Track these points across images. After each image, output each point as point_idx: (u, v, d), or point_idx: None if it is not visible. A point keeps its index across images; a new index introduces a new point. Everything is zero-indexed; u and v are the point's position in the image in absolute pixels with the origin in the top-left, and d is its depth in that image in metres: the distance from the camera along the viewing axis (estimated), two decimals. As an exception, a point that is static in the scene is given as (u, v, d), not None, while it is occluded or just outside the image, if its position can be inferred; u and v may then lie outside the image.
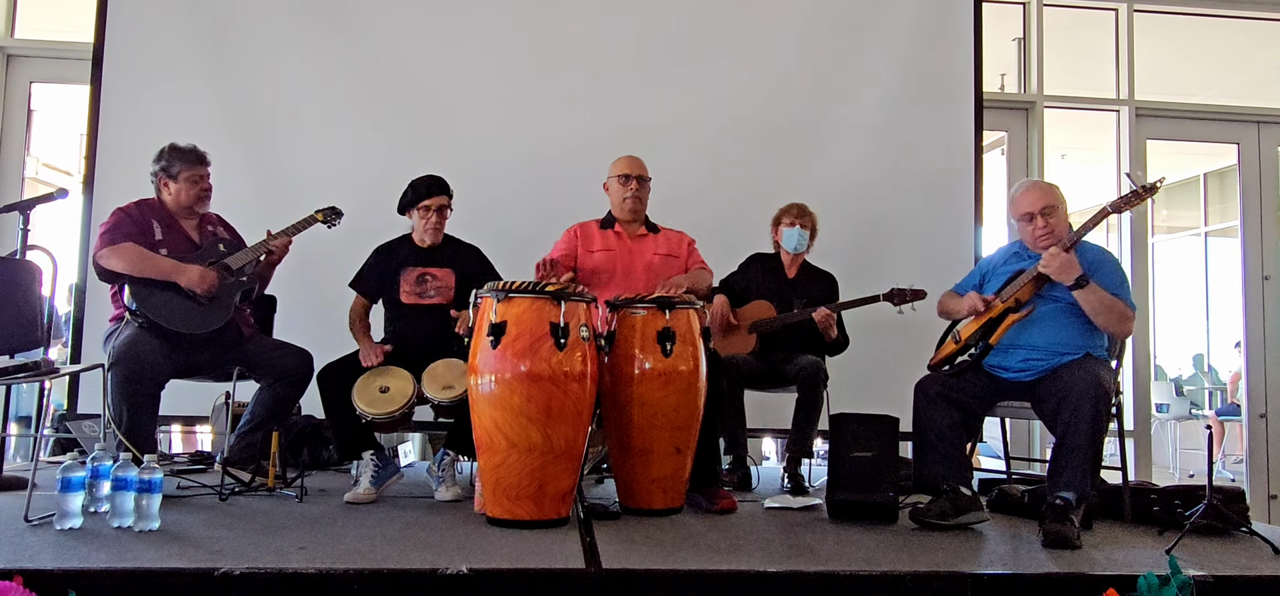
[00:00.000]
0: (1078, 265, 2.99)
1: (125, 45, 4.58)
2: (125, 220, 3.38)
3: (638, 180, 3.71)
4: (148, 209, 3.47)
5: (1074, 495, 2.78)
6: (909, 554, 2.50)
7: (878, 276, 4.31)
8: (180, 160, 3.48)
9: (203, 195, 3.51)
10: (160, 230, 3.43)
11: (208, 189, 3.53)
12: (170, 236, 3.44)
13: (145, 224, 3.40)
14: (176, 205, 3.49)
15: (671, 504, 3.05)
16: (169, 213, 3.49)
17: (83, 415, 4.39)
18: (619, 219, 3.75)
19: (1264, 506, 5.31)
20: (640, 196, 3.71)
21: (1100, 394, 2.84)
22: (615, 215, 3.77)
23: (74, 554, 2.23)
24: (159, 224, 3.44)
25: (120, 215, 3.40)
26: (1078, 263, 3.00)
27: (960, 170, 4.90)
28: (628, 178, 3.71)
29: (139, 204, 3.47)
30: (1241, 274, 5.53)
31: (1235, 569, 2.43)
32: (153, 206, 3.49)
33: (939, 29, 4.96)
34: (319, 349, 3.53)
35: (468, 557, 2.25)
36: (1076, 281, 2.98)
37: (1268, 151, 5.59)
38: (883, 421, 3.12)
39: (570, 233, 3.77)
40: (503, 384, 2.73)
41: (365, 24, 4.73)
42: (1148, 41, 5.55)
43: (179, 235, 3.48)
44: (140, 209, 3.45)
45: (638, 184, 3.70)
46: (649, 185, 3.76)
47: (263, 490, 3.26)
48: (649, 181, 3.76)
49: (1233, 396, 7.51)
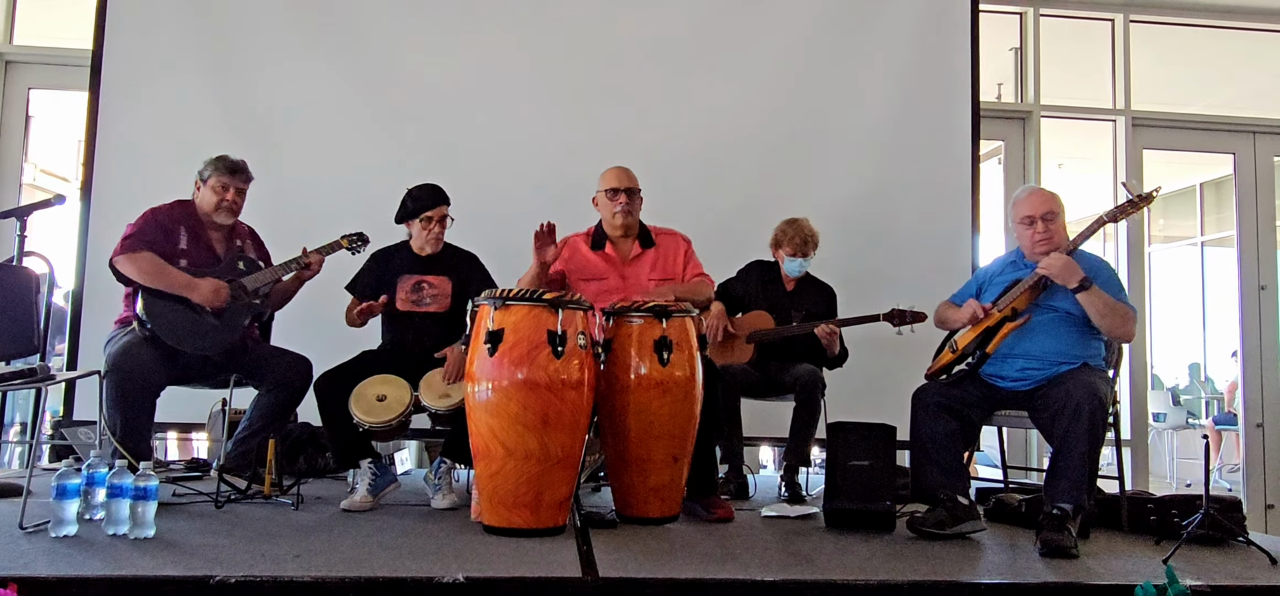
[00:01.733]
0: (1078, 268, 3.00)
1: (124, 52, 4.59)
2: (150, 225, 3.35)
3: (627, 194, 3.49)
4: (180, 212, 3.44)
5: (1071, 504, 2.77)
6: (906, 563, 2.50)
7: (875, 285, 4.33)
8: (213, 166, 3.46)
9: (223, 206, 3.46)
10: (186, 238, 3.41)
11: (230, 202, 3.46)
12: (195, 245, 3.42)
13: (172, 229, 3.38)
14: (202, 210, 3.48)
15: (668, 512, 3.04)
16: (198, 219, 3.47)
17: (79, 421, 4.37)
18: (610, 236, 3.57)
19: (1261, 516, 5.32)
20: (630, 210, 3.50)
21: (1097, 403, 2.84)
22: (606, 230, 3.57)
23: (68, 561, 2.22)
24: (186, 230, 3.42)
25: (148, 218, 3.38)
26: (1078, 265, 3.01)
27: (958, 179, 4.90)
28: (616, 192, 3.49)
29: (172, 206, 3.45)
30: (1238, 283, 5.55)
31: (1232, 578, 2.43)
32: (186, 210, 3.47)
33: (936, 38, 4.97)
34: (317, 356, 3.52)
35: (464, 566, 2.25)
36: (1080, 284, 2.98)
37: (1264, 161, 5.61)
38: (880, 430, 3.12)
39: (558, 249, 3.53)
40: (500, 391, 2.73)
41: (364, 32, 4.73)
42: (1144, 52, 5.58)
43: (204, 245, 3.46)
44: (171, 212, 3.42)
45: (627, 198, 3.49)
46: (640, 198, 3.56)
47: (259, 497, 3.25)
48: (640, 193, 3.55)
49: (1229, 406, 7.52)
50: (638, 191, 3.56)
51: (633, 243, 3.60)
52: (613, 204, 3.50)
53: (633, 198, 3.53)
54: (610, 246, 3.58)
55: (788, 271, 4.03)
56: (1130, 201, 3.04)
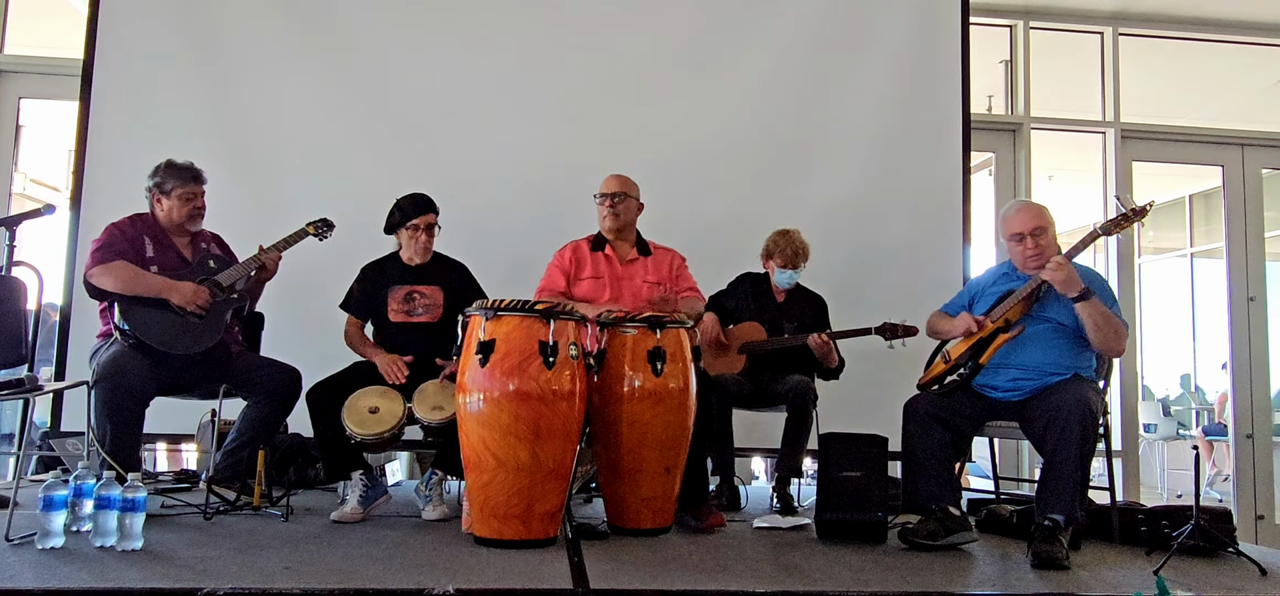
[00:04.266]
0: (1079, 278, 3.01)
1: (115, 62, 4.57)
2: (117, 237, 3.36)
3: (611, 198, 3.69)
4: (140, 224, 3.45)
5: (1063, 515, 2.78)
6: (898, 574, 2.50)
7: (866, 296, 4.33)
8: (174, 177, 3.46)
9: (195, 213, 3.50)
10: (152, 247, 3.41)
11: (201, 207, 3.52)
12: (162, 253, 3.43)
13: (137, 240, 3.39)
14: (169, 222, 3.48)
15: (660, 523, 3.04)
16: (161, 229, 3.48)
17: (67, 433, 4.34)
18: (608, 239, 3.75)
19: (1251, 526, 5.33)
20: (618, 211, 3.69)
21: (1088, 415, 2.85)
22: (603, 234, 3.77)
23: (55, 573, 2.20)
24: (151, 240, 3.42)
25: (113, 231, 3.38)
26: (1078, 275, 3.02)
27: (948, 191, 4.91)
28: (603, 196, 3.72)
29: (132, 219, 3.45)
30: (1227, 295, 5.58)
31: (1222, 589, 2.44)
32: (146, 222, 3.47)
33: (927, 51, 4.99)
34: (307, 367, 3.51)
35: (454, 577, 2.24)
36: (1080, 294, 2.99)
37: (1252, 173, 5.64)
38: (872, 441, 3.12)
39: (561, 255, 3.75)
40: (491, 402, 2.72)
41: (356, 41, 4.73)
42: (1133, 64, 5.62)
43: (171, 252, 3.46)
44: (133, 224, 3.43)
45: (611, 202, 3.69)
46: (632, 201, 3.74)
47: (248, 509, 3.23)
48: (631, 198, 3.73)
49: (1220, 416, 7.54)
50: (629, 196, 3.74)
51: (630, 247, 3.77)
52: (601, 207, 3.74)
53: (621, 200, 3.71)
54: (609, 248, 3.75)
55: (778, 283, 4.03)
56: (1123, 215, 3.05)
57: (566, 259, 3.73)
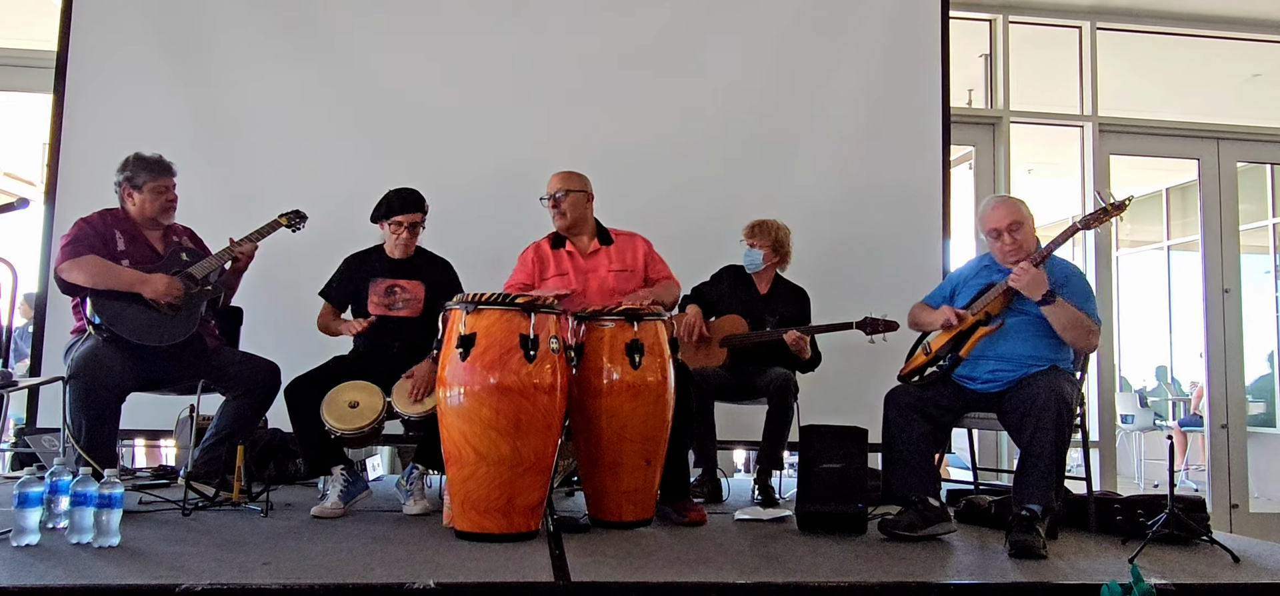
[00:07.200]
0: (1046, 281, 3.04)
1: (89, 53, 4.52)
2: (87, 231, 3.32)
3: (554, 197, 3.58)
4: (110, 219, 3.41)
5: (1039, 506, 2.81)
6: (878, 564, 2.52)
7: (847, 290, 4.35)
8: (145, 171, 3.43)
9: (168, 206, 3.47)
10: (123, 241, 3.37)
11: (173, 200, 3.49)
12: (133, 247, 3.39)
13: (108, 234, 3.35)
14: (140, 216, 3.44)
15: (641, 516, 3.04)
16: (133, 223, 3.44)
17: (42, 429, 4.30)
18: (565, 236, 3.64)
19: (1225, 515, 5.40)
20: (563, 209, 3.57)
21: (1062, 406, 2.88)
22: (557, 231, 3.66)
23: (31, 571, 2.18)
24: (122, 234, 3.39)
25: (82, 226, 3.34)
26: (1046, 278, 3.05)
27: (928, 184, 4.94)
28: (547, 197, 3.61)
29: (102, 214, 3.42)
30: (1202, 287, 5.64)
31: (1196, 577, 2.47)
32: (116, 217, 3.43)
33: (907, 45, 5.01)
34: (286, 361, 3.49)
35: (435, 572, 2.23)
36: (1044, 297, 3.02)
37: (1227, 167, 5.71)
38: (852, 433, 3.14)
39: (525, 257, 3.67)
40: (471, 396, 2.71)
41: (334, 32, 4.70)
42: (1111, 59, 5.66)
43: (143, 246, 3.43)
44: (103, 219, 3.39)
45: (555, 200, 3.58)
46: (579, 195, 3.59)
47: (227, 505, 3.20)
48: (576, 191, 3.59)
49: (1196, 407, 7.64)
50: (572, 191, 3.61)
51: (590, 240, 3.67)
52: (549, 208, 3.63)
53: (562, 199, 3.59)
54: (569, 244, 3.65)
55: (746, 265, 4.03)
56: (1102, 210, 3.08)
57: (529, 260, 3.64)
